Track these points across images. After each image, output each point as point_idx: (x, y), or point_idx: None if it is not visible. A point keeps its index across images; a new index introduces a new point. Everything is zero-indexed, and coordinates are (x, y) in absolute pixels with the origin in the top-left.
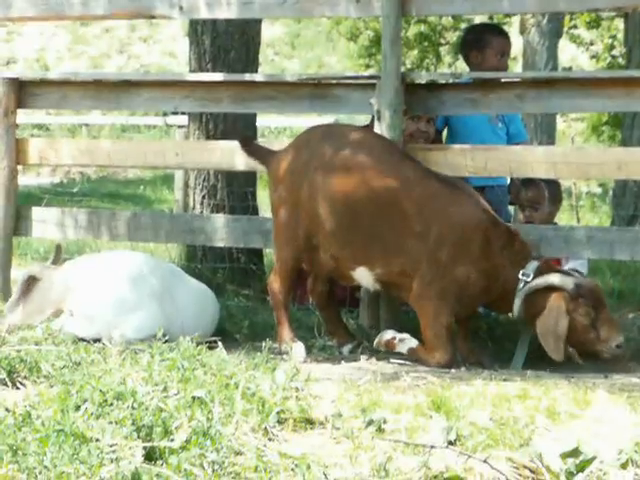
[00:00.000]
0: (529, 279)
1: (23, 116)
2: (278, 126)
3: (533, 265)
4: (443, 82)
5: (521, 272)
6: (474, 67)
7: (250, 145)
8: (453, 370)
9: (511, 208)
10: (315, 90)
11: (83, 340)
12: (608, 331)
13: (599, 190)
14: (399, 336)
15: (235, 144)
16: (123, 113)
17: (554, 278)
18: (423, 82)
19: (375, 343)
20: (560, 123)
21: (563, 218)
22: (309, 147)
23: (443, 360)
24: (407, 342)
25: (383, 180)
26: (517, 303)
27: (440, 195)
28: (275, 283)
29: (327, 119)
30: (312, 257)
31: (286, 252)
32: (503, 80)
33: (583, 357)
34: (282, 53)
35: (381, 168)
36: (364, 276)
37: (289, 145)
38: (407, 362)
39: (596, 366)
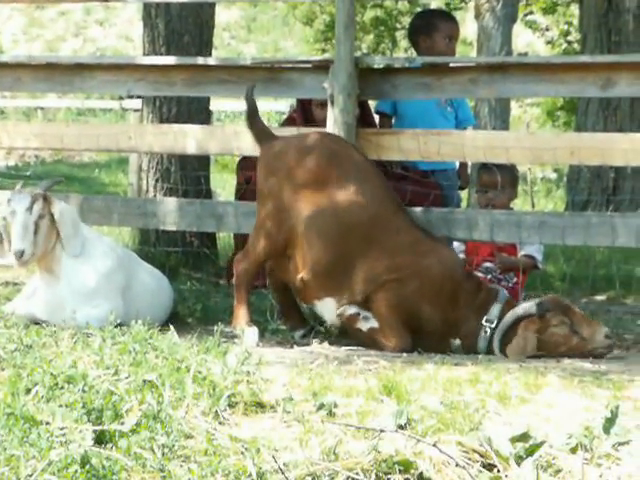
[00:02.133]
0: (493, 325)
1: None
2: (234, 110)
3: (496, 309)
4: (397, 66)
5: (485, 318)
6: (423, 52)
7: (255, 119)
8: (405, 354)
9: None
10: (269, 74)
11: (36, 323)
12: (589, 328)
13: (554, 175)
14: (363, 313)
15: (188, 127)
16: (79, 96)
17: (518, 310)
18: (377, 66)
19: (337, 313)
20: (515, 108)
21: (518, 203)
22: (307, 159)
23: (399, 347)
24: (370, 321)
25: (366, 216)
26: (496, 346)
27: (419, 243)
28: (242, 263)
29: (282, 103)
30: (283, 265)
31: (262, 244)
32: (456, 65)
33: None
34: (238, 37)
35: (369, 204)
36: (328, 308)
37: (291, 141)
38: (358, 348)
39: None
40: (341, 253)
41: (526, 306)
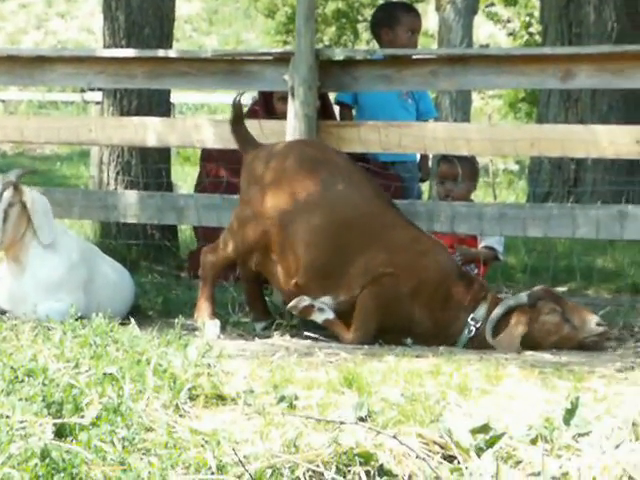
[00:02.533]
0: (478, 324)
1: None
2: (195, 102)
3: (482, 309)
4: (358, 59)
5: (470, 317)
6: (385, 44)
7: (239, 125)
8: (367, 346)
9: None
10: (230, 66)
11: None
12: (580, 317)
13: (516, 167)
14: (318, 305)
15: (148, 120)
16: (40, 89)
17: (509, 301)
18: (338, 59)
19: (290, 307)
20: (477, 100)
21: (479, 195)
22: (291, 166)
23: (359, 340)
24: (325, 312)
25: (361, 213)
26: (489, 338)
27: (417, 242)
28: (210, 257)
29: (244, 96)
30: (268, 267)
31: (236, 245)
32: (417, 57)
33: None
34: (200, 29)
35: (360, 202)
36: (326, 304)
37: (274, 149)
38: (320, 337)
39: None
40: (336, 253)
41: (517, 297)
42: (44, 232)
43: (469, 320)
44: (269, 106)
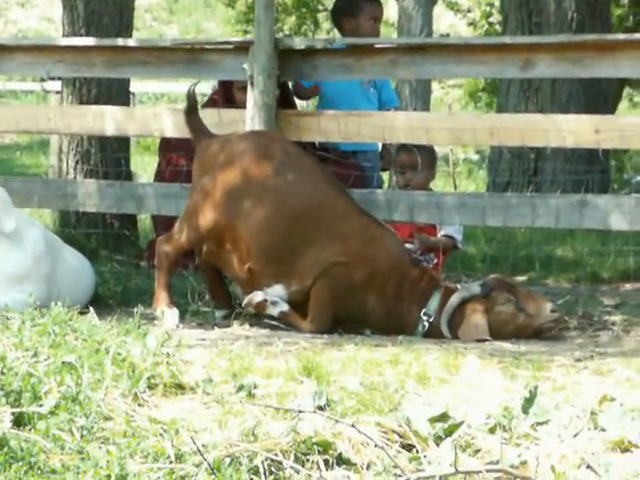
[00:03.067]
0: (431, 319)
1: None
2: (156, 92)
3: (435, 301)
4: (318, 48)
5: (423, 312)
6: (347, 34)
7: (193, 116)
8: (326, 336)
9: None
10: (189, 55)
11: None
12: (535, 304)
13: (476, 157)
14: (271, 299)
15: (107, 108)
16: (0, 78)
17: (462, 292)
18: (298, 48)
19: (244, 304)
20: (437, 90)
21: (439, 185)
22: (243, 156)
23: (317, 330)
24: (279, 305)
25: (312, 202)
26: (445, 331)
27: (368, 229)
28: (166, 246)
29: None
30: (221, 256)
31: (189, 235)
32: (377, 46)
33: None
34: (160, 19)
35: (311, 191)
36: (278, 294)
37: (227, 139)
38: (281, 325)
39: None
40: (287, 240)
41: (470, 287)
42: (3, 221)
43: (421, 315)
44: (229, 95)
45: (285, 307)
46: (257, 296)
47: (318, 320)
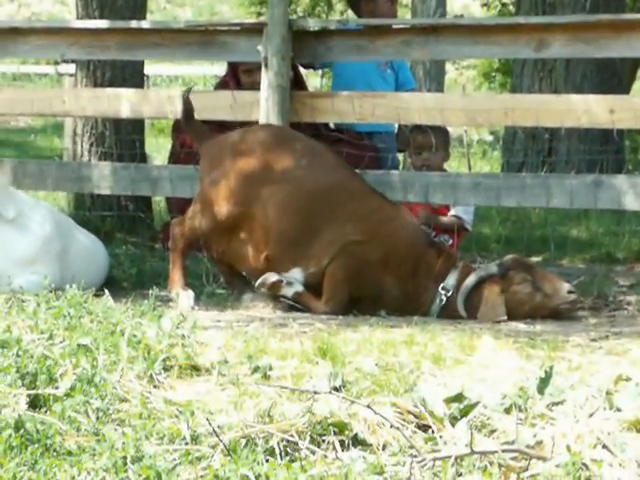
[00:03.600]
0: (449, 294)
1: None
2: (170, 74)
3: (453, 277)
4: (332, 29)
5: (441, 286)
6: (365, 15)
7: (191, 120)
8: (341, 317)
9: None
10: (203, 37)
11: None
12: (552, 285)
13: (490, 138)
14: (286, 279)
15: (122, 91)
16: (15, 62)
17: (479, 272)
18: (312, 29)
19: (258, 284)
20: (452, 71)
21: (454, 166)
22: (252, 149)
23: (332, 310)
24: (294, 286)
25: (327, 184)
26: (461, 309)
27: (383, 209)
28: (178, 228)
29: (218, 67)
30: (234, 250)
31: (203, 223)
32: (391, 27)
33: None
34: (174, 1)
35: (326, 174)
36: (296, 277)
37: (230, 137)
38: (297, 305)
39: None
40: (303, 224)
41: (487, 267)
42: (5, 208)
43: (439, 290)
44: (238, 78)
45: (300, 288)
46: (271, 276)
47: (333, 300)
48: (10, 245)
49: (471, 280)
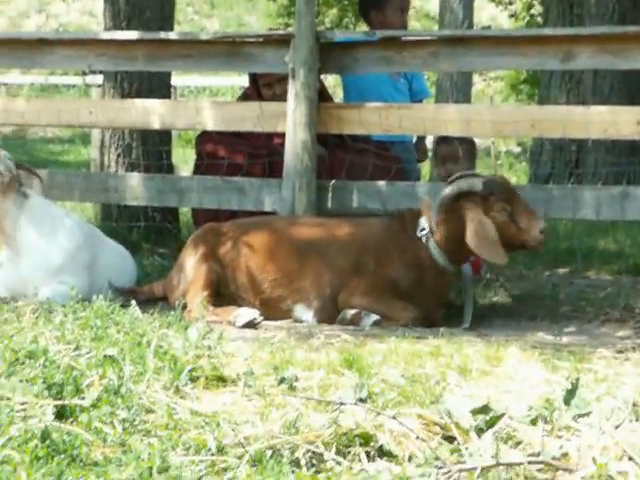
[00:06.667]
0: (426, 230)
1: None
2: (197, 85)
3: (423, 219)
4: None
5: (418, 231)
6: (376, 26)
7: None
8: (367, 328)
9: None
10: (230, 48)
11: None
12: (528, 220)
13: (518, 149)
14: (363, 310)
15: (150, 102)
16: (42, 73)
17: (461, 183)
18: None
19: (338, 320)
20: (479, 82)
21: None
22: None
23: (407, 319)
24: (372, 316)
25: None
26: (433, 218)
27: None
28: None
29: (243, 78)
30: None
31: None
32: (418, 38)
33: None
34: (202, 12)
35: (296, 221)
36: (302, 311)
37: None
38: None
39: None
40: (286, 277)
41: (471, 182)
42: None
43: (419, 233)
44: (259, 90)
45: (376, 316)
46: (349, 311)
47: (398, 314)
48: (39, 255)
49: (450, 190)
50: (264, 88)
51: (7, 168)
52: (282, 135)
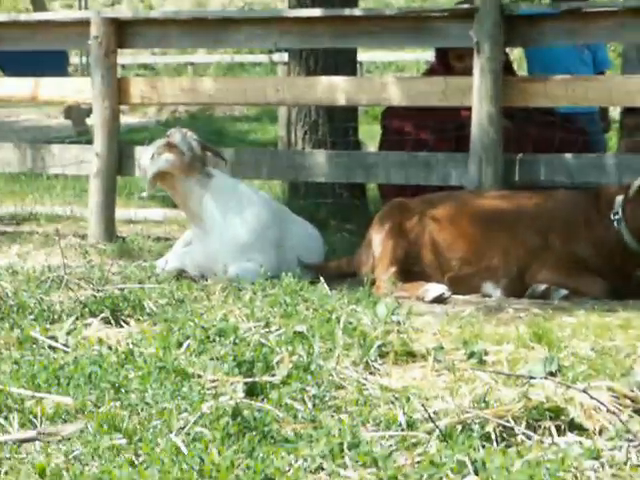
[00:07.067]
0: (619, 215)
1: (129, 57)
2: (384, 61)
3: (618, 201)
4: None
5: (612, 214)
6: None
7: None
8: (556, 301)
9: None
10: (415, 24)
11: (186, 277)
12: None
13: None
14: (552, 286)
15: (335, 79)
16: (228, 52)
17: None
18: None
19: (528, 294)
20: None
21: None
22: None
23: (597, 293)
24: (561, 291)
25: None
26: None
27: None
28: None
29: (429, 53)
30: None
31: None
32: (603, 10)
33: None
34: None
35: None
36: (490, 289)
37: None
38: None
39: None
40: (478, 251)
41: None
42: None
43: (612, 217)
44: (446, 64)
45: (565, 291)
46: (539, 287)
47: (587, 288)
48: (227, 233)
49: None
50: (455, 61)
51: (190, 148)
52: (469, 108)
